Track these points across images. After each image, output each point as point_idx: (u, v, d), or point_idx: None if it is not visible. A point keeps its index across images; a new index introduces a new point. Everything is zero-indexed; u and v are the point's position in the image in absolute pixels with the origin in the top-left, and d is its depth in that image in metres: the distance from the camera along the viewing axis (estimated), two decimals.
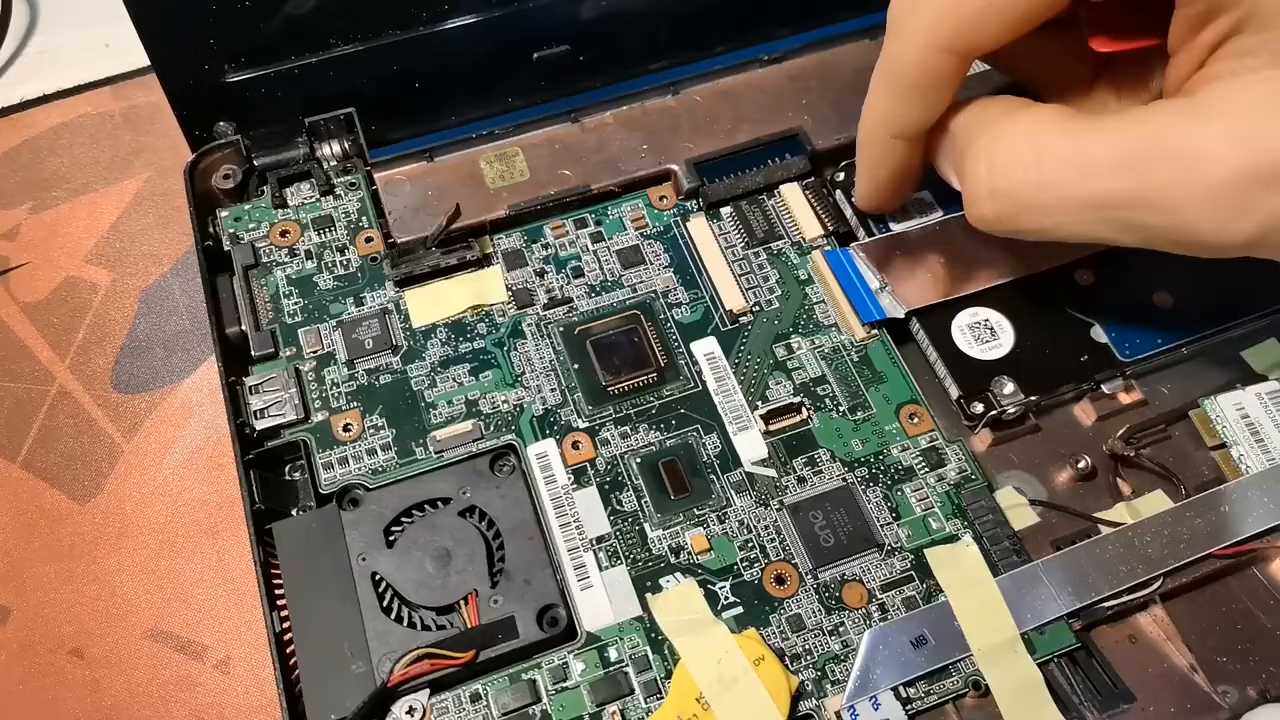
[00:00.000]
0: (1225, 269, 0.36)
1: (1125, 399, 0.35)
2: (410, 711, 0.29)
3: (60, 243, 0.42)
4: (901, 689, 0.29)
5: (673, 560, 0.32)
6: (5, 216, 0.44)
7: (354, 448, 0.34)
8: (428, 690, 0.29)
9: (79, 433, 0.37)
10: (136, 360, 0.39)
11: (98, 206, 0.44)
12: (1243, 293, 0.36)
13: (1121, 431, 0.34)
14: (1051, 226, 0.27)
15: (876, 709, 0.29)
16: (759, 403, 0.34)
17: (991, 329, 0.35)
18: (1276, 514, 0.32)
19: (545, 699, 0.30)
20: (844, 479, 0.33)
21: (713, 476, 0.33)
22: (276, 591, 0.31)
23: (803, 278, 0.37)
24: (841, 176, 0.39)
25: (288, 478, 0.34)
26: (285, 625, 0.30)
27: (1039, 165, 0.27)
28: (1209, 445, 0.34)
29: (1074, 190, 0.26)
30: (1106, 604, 0.31)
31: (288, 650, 0.30)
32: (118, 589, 0.34)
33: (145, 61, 0.50)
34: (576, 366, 0.35)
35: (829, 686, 0.30)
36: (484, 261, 0.38)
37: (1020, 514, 0.33)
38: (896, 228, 0.37)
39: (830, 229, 0.38)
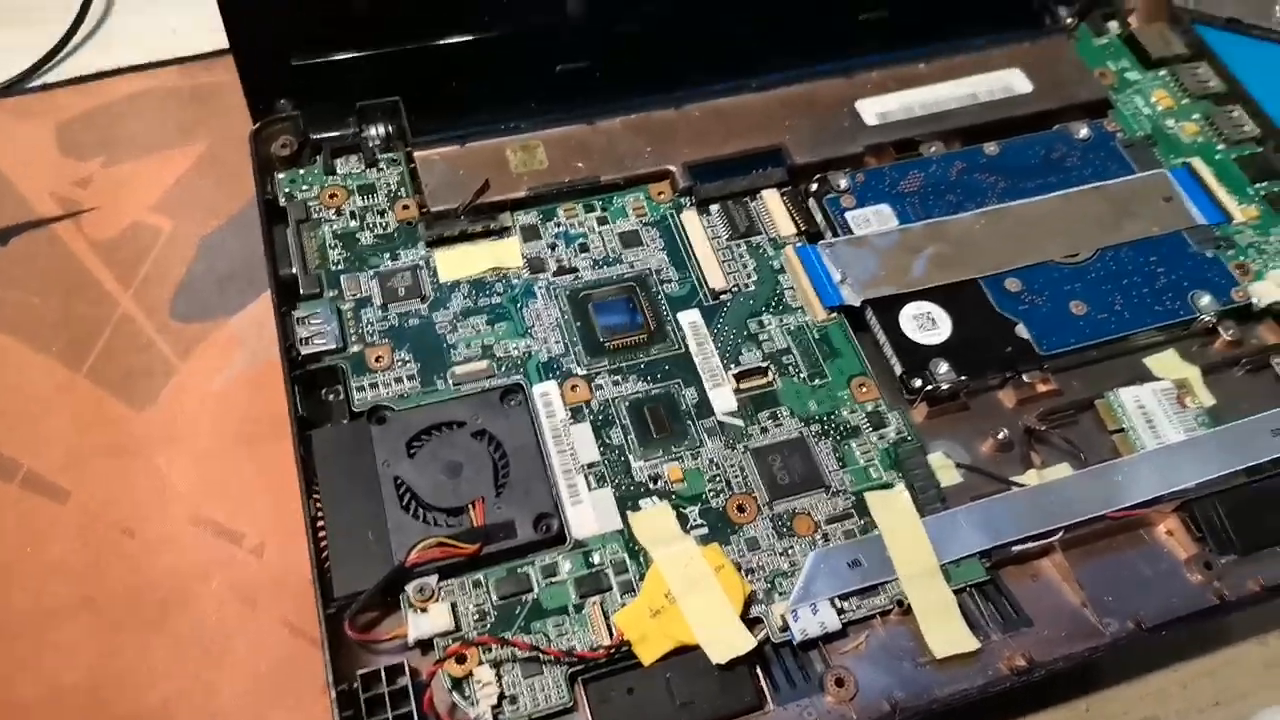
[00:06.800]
0: (1131, 285, 0.43)
1: (1041, 388, 0.41)
2: (421, 590, 0.34)
3: (128, 193, 0.48)
4: (837, 600, 0.35)
5: (651, 486, 0.37)
6: (80, 167, 0.49)
7: (384, 376, 0.39)
8: (437, 575, 0.34)
9: (138, 351, 0.42)
10: (192, 295, 0.44)
11: (163, 166, 0.49)
12: (1146, 309, 0.42)
13: (1037, 412, 0.40)
14: None
15: (815, 614, 0.34)
16: (732, 365, 0.40)
17: (933, 320, 0.42)
18: (1160, 486, 0.38)
19: (536, 589, 0.35)
20: (800, 432, 0.39)
21: (689, 422, 0.39)
22: (313, 488, 0.36)
23: (776, 267, 0.43)
24: (815, 187, 0.45)
25: (323, 399, 0.39)
26: (318, 513, 0.35)
27: None
28: (1109, 430, 0.40)
29: None
30: (1013, 547, 0.37)
31: (319, 535, 0.35)
32: (167, 482, 0.39)
33: (208, 46, 0.56)
34: (579, 324, 0.41)
35: (777, 596, 0.35)
36: (504, 232, 0.44)
37: (947, 473, 0.39)
38: (859, 232, 0.44)
39: (802, 229, 0.44)
